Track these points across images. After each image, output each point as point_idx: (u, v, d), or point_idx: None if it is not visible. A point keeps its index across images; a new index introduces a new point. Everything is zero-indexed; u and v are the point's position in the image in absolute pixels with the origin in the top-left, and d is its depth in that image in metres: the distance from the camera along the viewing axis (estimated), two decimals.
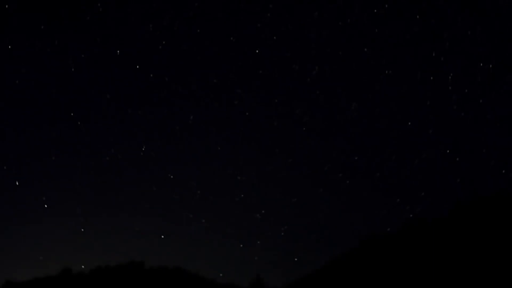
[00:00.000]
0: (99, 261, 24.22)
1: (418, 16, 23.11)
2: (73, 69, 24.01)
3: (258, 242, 24.59)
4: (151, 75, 24.39)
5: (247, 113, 24.72)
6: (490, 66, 22.46)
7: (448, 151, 23.28)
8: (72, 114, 24.39)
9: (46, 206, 23.96)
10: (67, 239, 24.89)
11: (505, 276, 15.44)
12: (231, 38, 23.89)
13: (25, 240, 25.16)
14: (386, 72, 23.59)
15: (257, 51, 23.99)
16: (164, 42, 23.87)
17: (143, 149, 24.68)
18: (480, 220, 17.68)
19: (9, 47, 23.79)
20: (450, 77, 22.71)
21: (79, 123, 24.33)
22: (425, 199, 23.27)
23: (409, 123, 23.84)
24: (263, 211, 24.83)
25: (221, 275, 24.35)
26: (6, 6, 23.08)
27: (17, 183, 24.18)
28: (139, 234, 25.19)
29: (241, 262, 25.60)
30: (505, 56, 22.72)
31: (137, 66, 24.10)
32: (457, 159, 23.33)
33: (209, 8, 23.82)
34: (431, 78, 23.40)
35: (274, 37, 23.82)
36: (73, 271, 23.64)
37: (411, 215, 22.50)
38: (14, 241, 24.99)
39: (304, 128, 24.77)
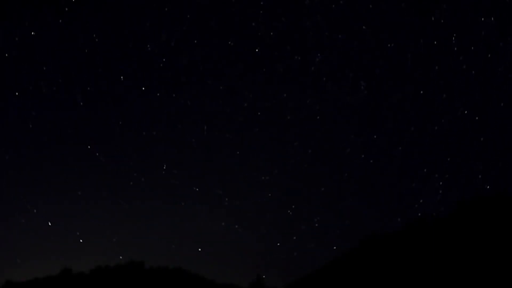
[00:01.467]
0: (99, 261, 24.35)
1: None
2: (81, 103, 24.26)
3: (294, 237, 24.56)
4: (158, 94, 24.58)
5: (259, 113, 24.70)
6: (492, 19, 22.06)
7: (466, 111, 23.02)
8: (89, 147, 24.63)
9: (80, 240, 24.38)
10: (67, 239, 24.96)
11: (505, 276, 15.42)
12: (229, 43, 23.91)
13: (25, 240, 25.22)
14: (389, 45, 23.43)
15: (257, 50, 23.99)
16: (164, 60, 24.05)
17: (164, 167, 24.79)
18: (480, 220, 17.66)
19: (16, 93, 24.26)
20: (453, 38, 22.36)
21: (97, 154, 24.55)
22: (452, 167, 22.98)
23: (421, 92, 23.66)
24: (293, 206, 24.83)
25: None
26: (6, 54, 23.45)
27: (49, 224, 24.44)
28: (171, 245, 25.42)
29: (241, 262, 25.63)
30: (505, 5, 22.18)
31: (143, 88, 24.33)
32: (476, 118, 23.06)
33: (201, 17, 23.82)
34: (435, 42, 23.06)
35: (271, 33, 23.76)
36: (73, 271, 23.70)
37: (439, 193, 22.29)
38: (14, 241, 25.04)
39: (318, 117, 24.67)
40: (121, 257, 24.45)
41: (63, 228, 24.99)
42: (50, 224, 24.33)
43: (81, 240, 24.10)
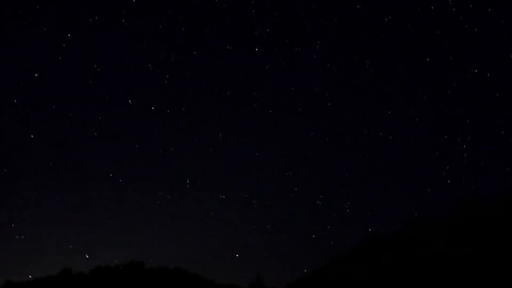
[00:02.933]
0: (99, 261, 24.40)
1: None
2: (96, 134, 24.76)
3: (328, 227, 24.42)
4: (168, 111, 24.82)
5: (270, 111, 24.79)
6: None
7: (476, 70, 22.85)
8: (110, 175, 25.12)
9: (119, 267, 24.34)
10: (68, 239, 25.00)
11: (505, 276, 15.42)
12: (228, 47, 23.91)
13: (25, 240, 25.24)
14: (387, 19, 23.24)
15: (256, 49, 23.95)
16: (167, 76, 24.14)
17: (188, 181, 25.09)
18: (480, 220, 17.67)
19: (32, 136, 24.81)
20: (450, 1, 22.16)
21: (120, 180, 25.06)
22: (472, 125, 22.69)
23: (427, 59, 23.52)
24: (321, 196, 24.80)
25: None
26: (15, 100, 24.17)
27: (87, 256, 24.62)
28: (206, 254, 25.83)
29: (241, 262, 25.62)
30: None
31: (152, 108, 24.51)
32: (488, 74, 22.95)
33: (195, 26, 23.88)
34: (432, 7, 22.76)
35: (268, 30, 23.72)
36: (73, 271, 23.68)
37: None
38: (15, 241, 25.06)
39: (329, 104, 24.64)
40: (148, 261, 24.60)
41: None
42: (87, 257, 24.61)
43: (120, 267, 24.22)
